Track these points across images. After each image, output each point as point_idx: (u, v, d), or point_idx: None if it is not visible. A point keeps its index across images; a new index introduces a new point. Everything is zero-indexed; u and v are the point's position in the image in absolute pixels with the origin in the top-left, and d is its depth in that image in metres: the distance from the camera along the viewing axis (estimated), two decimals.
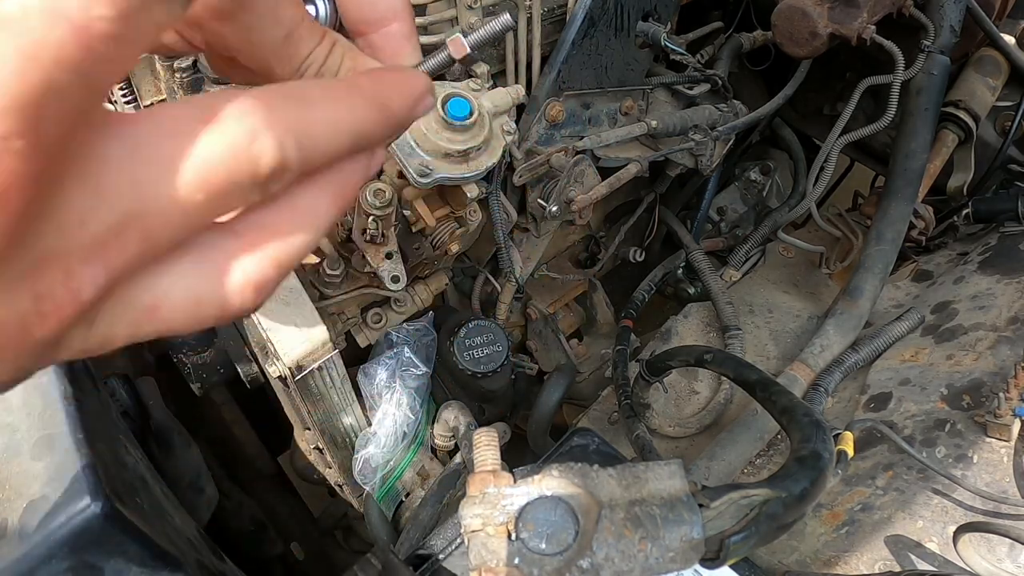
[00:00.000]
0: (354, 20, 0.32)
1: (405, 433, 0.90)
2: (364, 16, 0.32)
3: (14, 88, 0.17)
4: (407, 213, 0.86)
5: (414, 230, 0.88)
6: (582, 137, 1.04)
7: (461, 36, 0.34)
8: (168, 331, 0.24)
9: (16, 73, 0.17)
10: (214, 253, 0.24)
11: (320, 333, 0.77)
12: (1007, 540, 0.74)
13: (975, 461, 0.84)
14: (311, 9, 0.31)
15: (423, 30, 0.83)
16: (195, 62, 0.77)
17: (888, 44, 1.14)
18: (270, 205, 0.25)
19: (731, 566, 0.56)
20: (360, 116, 0.25)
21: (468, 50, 0.34)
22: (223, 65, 0.33)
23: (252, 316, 0.76)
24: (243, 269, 0.24)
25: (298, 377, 0.78)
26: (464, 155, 0.78)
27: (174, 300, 0.23)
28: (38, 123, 0.17)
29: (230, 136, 0.21)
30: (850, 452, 0.72)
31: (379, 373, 0.90)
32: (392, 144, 0.80)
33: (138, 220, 0.21)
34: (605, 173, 1.07)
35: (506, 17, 0.35)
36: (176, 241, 0.22)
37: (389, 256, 0.82)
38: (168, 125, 0.21)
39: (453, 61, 0.34)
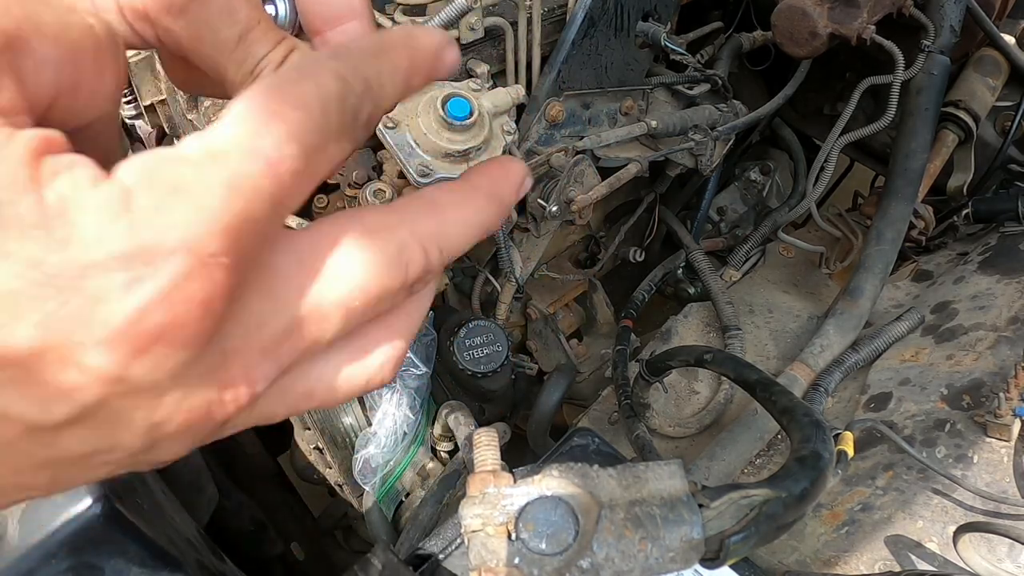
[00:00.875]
0: (312, 17, 0.31)
1: (405, 433, 0.90)
2: (321, 13, 0.31)
3: (224, 215, 0.21)
4: None
5: None
6: (582, 137, 1.04)
7: None
8: (319, 407, 0.28)
9: (224, 201, 0.21)
10: (361, 340, 0.27)
11: None
12: (1007, 540, 0.74)
13: (975, 461, 0.84)
14: (270, 9, 0.30)
15: None
16: None
17: (888, 44, 1.13)
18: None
19: (731, 566, 0.56)
20: (485, 214, 0.29)
21: None
22: (177, 69, 0.32)
23: None
24: (384, 351, 0.28)
25: None
26: (464, 155, 0.78)
27: (328, 383, 0.27)
28: (239, 243, 0.21)
29: (383, 251, 0.25)
30: (850, 452, 0.72)
31: None
32: (392, 144, 0.80)
33: (305, 324, 0.24)
34: (605, 173, 1.07)
35: None
36: (337, 339, 0.25)
37: None
38: (326, 241, 0.25)
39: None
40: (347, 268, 0.24)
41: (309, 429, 0.93)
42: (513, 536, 0.45)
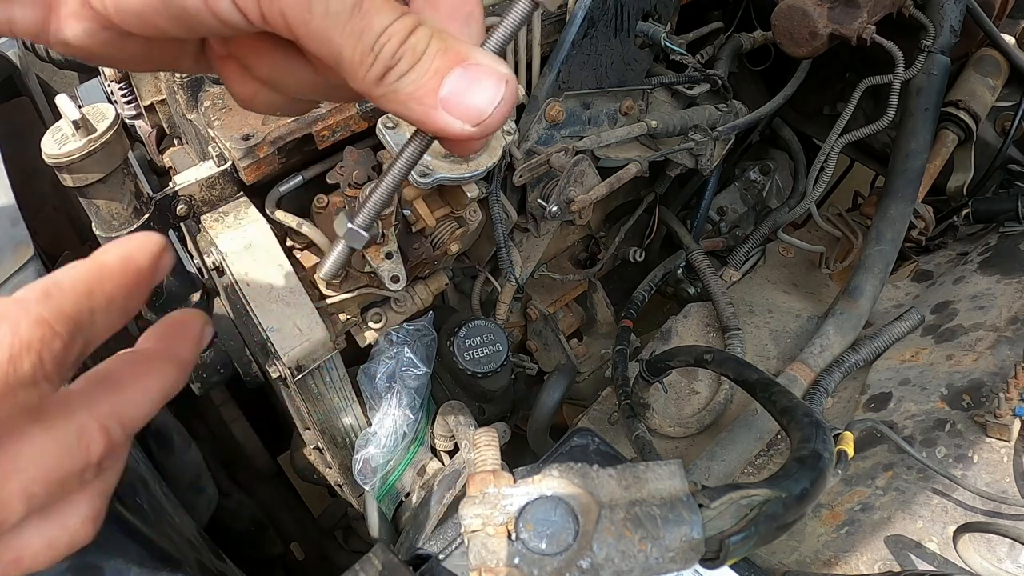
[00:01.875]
0: None
1: (405, 433, 0.90)
2: None
3: None
4: (407, 213, 0.86)
5: (414, 230, 0.88)
6: (582, 137, 1.04)
7: None
8: (31, 571, 0.28)
9: None
10: (59, 506, 0.28)
11: (320, 333, 0.77)
12: (1007, 540, 0.74)
13: (975, 461, 0.84)
14: None
15: None
16: None
17: (888, 44, 1.13)
18: None
19: (731, 566, 0.56)
20: (164, 379, 0.30)
21: None
22: (248, 83, 0.32)
23: (252, 316, 0.76)
24: (81, 511, 0.28)
25: (298, 377, 0.78)
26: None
27: (33, 550, 0.27)
28: None
29: (61, 440, 0.25)
30: (850, 452, 0.72)
31: (379, 373, 0.90)
32: (392, 144, 0.80)
33: None
34: (605, 173, 1.06)
35: None
36: (27, 519, 0.26)
37: (389, 256, 0.82)
38: (4, 437, 0.25)
39: (537, 5, 0.30)
40: (24, 462, 0.25)
41: (309, 429, 0.93)
42: (513, 536, 0.45)
